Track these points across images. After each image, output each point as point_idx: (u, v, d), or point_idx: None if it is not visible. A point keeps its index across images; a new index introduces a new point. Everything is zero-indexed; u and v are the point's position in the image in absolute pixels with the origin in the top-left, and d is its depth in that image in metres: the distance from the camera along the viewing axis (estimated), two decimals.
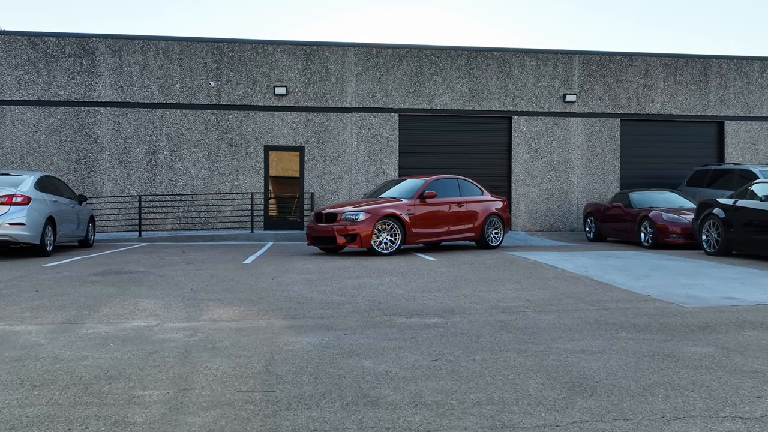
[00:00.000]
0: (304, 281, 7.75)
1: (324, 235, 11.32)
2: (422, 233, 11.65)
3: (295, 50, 17.51)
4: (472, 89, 18.05)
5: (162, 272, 8.66)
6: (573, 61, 18.42)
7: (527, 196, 18.29)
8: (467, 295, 6.72)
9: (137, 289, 7.11)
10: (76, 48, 16.86)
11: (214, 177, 17.27)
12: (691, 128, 19.04)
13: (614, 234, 14.65)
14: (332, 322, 5.30)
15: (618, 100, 18.55)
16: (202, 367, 3.84)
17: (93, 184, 16.94)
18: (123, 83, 16.98)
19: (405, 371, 3.75)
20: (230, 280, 7.83)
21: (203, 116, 17.21)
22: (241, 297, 6.59)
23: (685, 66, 18.80)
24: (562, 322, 5.29)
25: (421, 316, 5.53)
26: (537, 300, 6.40)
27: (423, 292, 6.88)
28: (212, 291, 6.99)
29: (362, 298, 6.49)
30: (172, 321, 5.37)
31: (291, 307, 6.02)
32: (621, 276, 8.19)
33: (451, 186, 12.53)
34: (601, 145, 18.53)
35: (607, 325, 5.16)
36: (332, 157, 17.60)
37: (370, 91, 17.70)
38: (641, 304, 6.13)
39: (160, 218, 17.09)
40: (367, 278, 8.02)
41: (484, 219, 12.61)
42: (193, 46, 17.20)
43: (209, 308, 5.96)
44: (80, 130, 16.87)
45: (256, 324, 5.23)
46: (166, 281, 7.76)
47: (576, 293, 6.82)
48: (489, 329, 4.99)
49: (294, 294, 6.77)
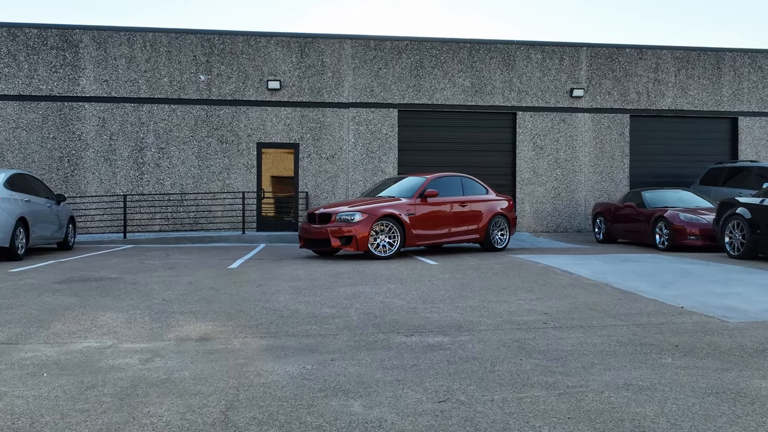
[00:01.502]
0: (292, 290, 6.94)
1: (317, 237, 10.51)
2: (423, 235, 10.84)
3: (290, 42, 16.69)
4: (475, 84, 17.24)
5: (136, 279, 7.84)
6: (580, 54, 17.60)
7: (532, 195, 17.48)
8: (475, 306, 5.91)
9: (102, 300, 6.29)
10: (59, 40, 16.03)
11: (204, 175, 16.44)
12: (703, 124, 18.22)
13: (625, 235, 13.84)
14: (318, 342, 4.49)
15: (627, 95, 17.73)
16: (141, 414, 3.00)
17: (77, 183, 16.11)
18: (108, 77, 16.15)
19: (404, 420, 2.92)
20: (209, 289, 7.01)
21: (193, 112, 16.39)
22: (217, 309, 5.78)
23: (697, 59, 17.98)
24: (590, 342, 4.48)
25: (423, 334, 4.72)
26: (555, 313, 5.59)
27: (425, 303, 6.07)
28: (186, 302, 6.18)
29: (355, 311, 5.68)
30: (131, 341, 4.56)
31: (273, 322, 5.21)
32: (644, 283, 7.38)
33: (454, 184, 11.73)
34: (610, 142, 17.71)
35: (644, 346, 4.35)
36: (328, 155, 16.78)
37: (368, 85, 16.89)
38: (676, 319, 5.32)
39: (147, 219, 16.27)
40: (363, 286, 7.21)
41: (489, 220, 11.81)
42: (181, 38, 16.38)
43: (178, 324, 5.15)
44: (63, 127, 16.05)
45: (228, 345, 4.42)
46: (138, 290, 6.94)
47: (598, 304, 6.01)
48: (505, 352, 4.18)
49: (278, 305, 5.96)
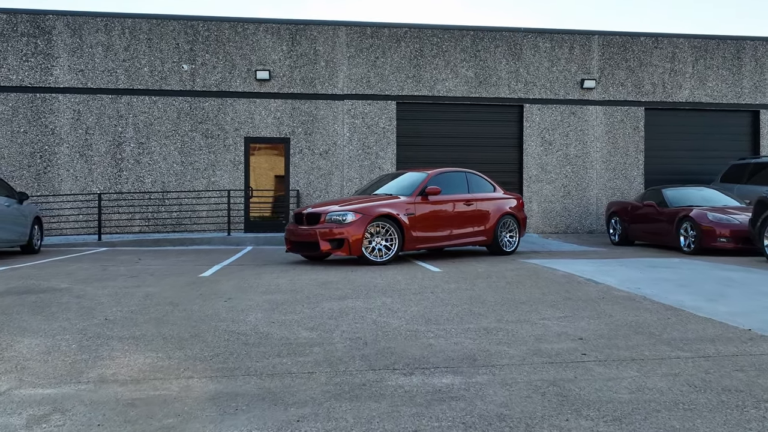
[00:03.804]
0: (267, 305, 5.76)
1: (305, 240, 9.33)
2: (424, 237, 9.66)
3: (280, 30, 15.51)
4: (479, 74, 16.06)
5: (85, 291, 6.66)
6: (591, 42, 16.43)
7: (540, 193, 16.30)
8: (490, 328, 4.74)
9: (30, 320, 5.11)
10: (30, 26, 14.84)
11: (187, 173, 15.26)
12: (722, 118, 17.05)
13: (645, 237, 12.67)
14: (287, 385, 3.31)
15: (642, 86, 16.56)
16: None
17: (50, 181, 14.92)
18: (84, 66, 14.97)
19: None
20: (167, 304, 5.83)
21: (175, 104, 15.21)
22: (167, 333, 4.61)
23: (716, 48, 16.82)
24: (653, 385, 3.31)
25: (427, 372, 3.55)
26: (593, 338, 4.42)
27: (427, 324, 4.90)
28: (133, 322, 5.00)
29: (341, 335, 4.51)
30: (37, 382, 3.39)
31: (233, 352, 4.04)
32: (686, 295, 6.21)
33: (459, 181, 10.55)
34: (623, 137, 16.54)
35: (730, 394, 3.18)
36: (321, 151, 15.60)
37: (364, 75, 15.71)
38: (750, 348, 4.15)
39: (126, 220, 15.08)
40: (353, 299, 6.03)
41: (497, 220, 10.64)
42: (163, 24, 15.19)
43: (110, 355, 3.98)
44: (35, 120, 14.86)
45: (163, 390, 3.25)
46: (80, 306, 5.76)
47: (642, 325, 4.84)
48: (541, 404, 3.01)
49: (245, 327, 4.78)
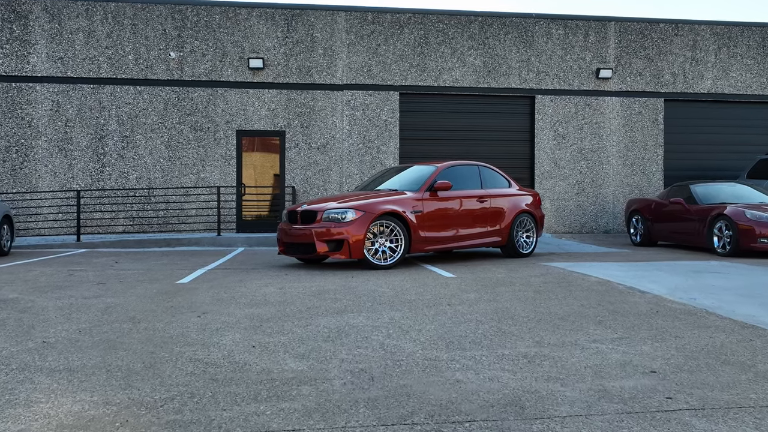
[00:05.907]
0: (249, 321, 4.71)
1: (300, 241, 8.28)
2: (433, 238, 8.60)
3: (274, 15, 14.46)
4: (488, 63, 15.01)
5: (34, 302, 5.59)
6: (607, 29, 15.37)
7: (553, 191, 15.25)
8: (531, 355, 3.69)
9: None
10: (5, 11, 13.78)
11: (175, 168, 14.20)
12: (747, 110, 16.00)
13: (671, 237, 11.62)
14: None
15: (661, 76, 15.51)
16: None
17: (27, 177, 13.86)
18: (63, 54, 13.90)
19: None
20: (128, 320, 4.78)
21: (162, 94, 14.15)
22: (115, 363, 3.55)
23: (740, 36, 15.76)
24: None
25: (459, 430, 2.50)
26: (669, 371, 3.37)
27: (449, 349, 3.85)
28: (76, 346, 3.95)
29: (339, 367, 3.46)
30: None
31: (194, 394, 2.99)
32: (756, 307, 5.18)
33: (471, 175, 9.50)
34: (641, 130, 15.49)
35: None
36: (319, 144, 14.55)
37: (365, 64, 14.66)
38: None
39: (108, 219, 14.02)
40: (354, 314, 4.98)
41: (513, 218, 9.59)
42: (149, 9, 14.13)
43: (27, 400, 2.93)
44: (10, 111, 13.80)
45: None
46: (20, 323, 4.71)
47: (723, 350, 3.80)
48: None
49: (217, 354, 3.73)
